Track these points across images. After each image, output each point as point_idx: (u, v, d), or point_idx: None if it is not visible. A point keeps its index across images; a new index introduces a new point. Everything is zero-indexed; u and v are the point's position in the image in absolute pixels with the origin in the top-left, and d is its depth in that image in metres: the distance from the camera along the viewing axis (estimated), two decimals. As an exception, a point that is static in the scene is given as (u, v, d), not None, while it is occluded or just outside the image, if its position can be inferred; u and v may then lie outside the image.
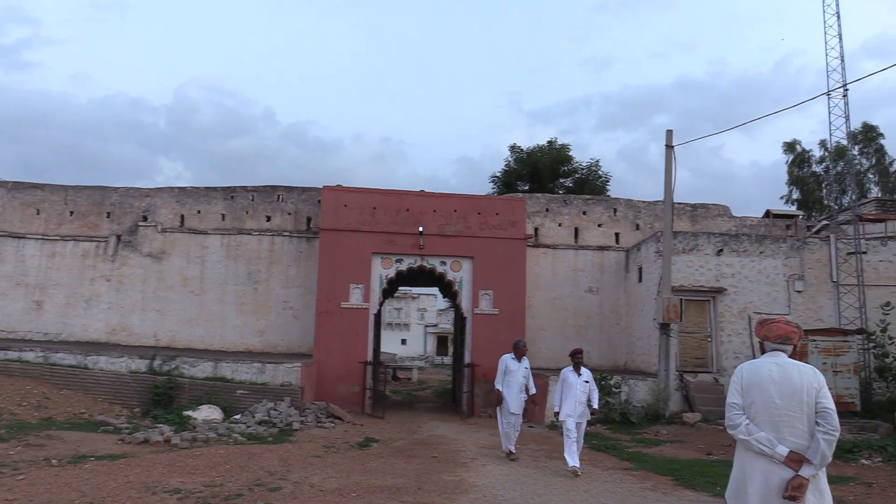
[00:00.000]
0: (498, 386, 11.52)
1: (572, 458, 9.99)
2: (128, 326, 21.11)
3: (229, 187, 22.42)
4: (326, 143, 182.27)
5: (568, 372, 10.63)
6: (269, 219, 21.98)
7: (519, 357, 11.63)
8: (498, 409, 11.67)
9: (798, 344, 4.45)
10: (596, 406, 10.63)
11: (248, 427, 13.63)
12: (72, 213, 22.03)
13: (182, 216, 21.94)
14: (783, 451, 3.97)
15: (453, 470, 10.14)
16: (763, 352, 4.44)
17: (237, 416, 14.65)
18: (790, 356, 4.34)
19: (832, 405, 4.09)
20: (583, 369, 10.66)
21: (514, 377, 11.44)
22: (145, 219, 21.90)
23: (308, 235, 21.69)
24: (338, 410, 16.33)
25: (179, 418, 13.96)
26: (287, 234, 21.77)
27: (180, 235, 21.70)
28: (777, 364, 4.22)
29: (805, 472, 3.92)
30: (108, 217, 22.03)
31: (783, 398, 4.08)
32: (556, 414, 10.50)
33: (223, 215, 21.97)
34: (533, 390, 11.81)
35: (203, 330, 21.11)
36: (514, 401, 11.38)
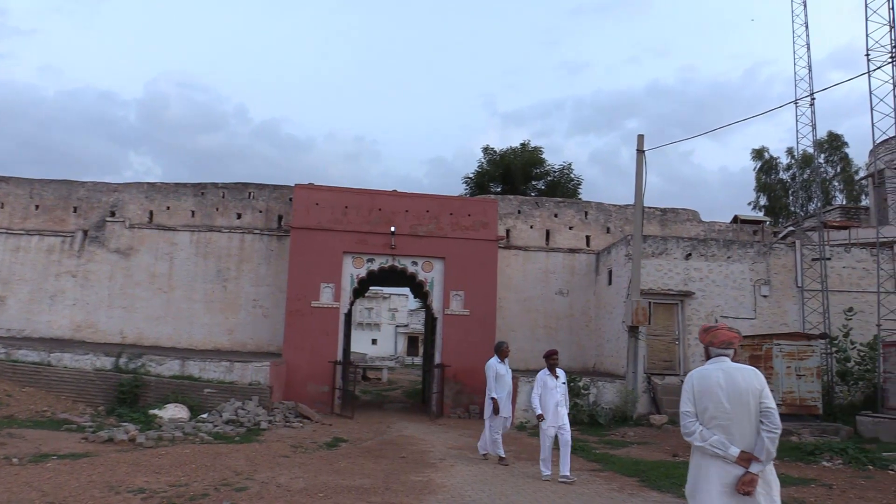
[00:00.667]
0: (493, 394, 11.19)
1: (546, 467, 9.72)
2: (93, 323, 20.78)
3: (200, 184, 22.18)
4: (299, 140, 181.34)
5: (545, 375, 10.17)
6: (239, 216, 21.78)
7: (503, 359, 11.47)
8: (489, 416, 11.27)
9: (738, 348, 4.79)
10: (567, 411, 10.28)
11: (216, 426, 13.50)
12: (37, 207, 21.63)
13: (151, 212, 21.65)
14: (735, 451, 4.29)
15: (422, 470, 10.14)
16: (708, 356, 4.75)
17: (204, 415, 14.50)
18: (732, 359, 4.67)
19: (773, 404, 4.47)
20: (558, 371, 10.27)
21: (503, 381, 11.25)
22: (113, 214, 21.58)
23: (279, 234, 21.54)
24: (306, 410, 16.25)
25: (145, 417, 13.79)
26: (258, 231, 21.59)
27: (149, 231, 21.42)
28: (723, 370, 4.53)
29: (754, 468, 4.26)
30: (75, 212, 21.66)
31: (731, 402, 4.39)
32: (540, 417, 9.94)
33: (193, 212, 21.73)
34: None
35: (171, 328, 20.86)
36: (507, 405, 11.27)
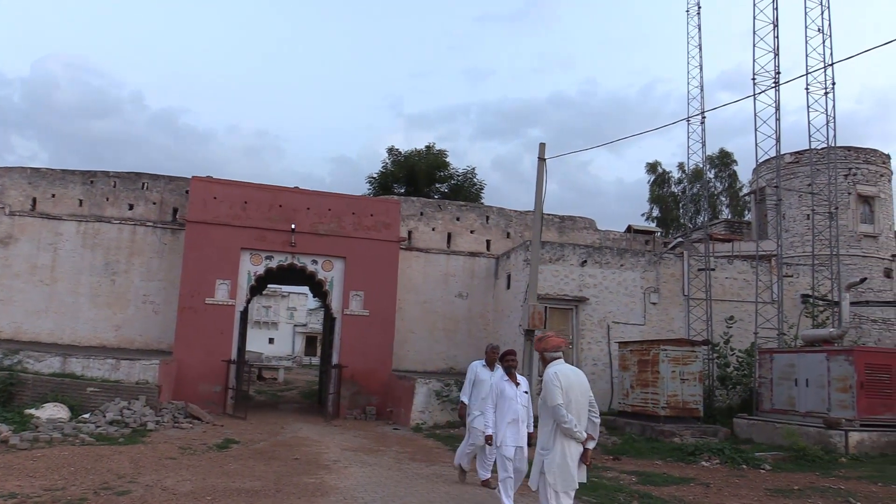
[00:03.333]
0: (463, 397, 9.66)
1: (509, 500, 7.70)
2: (-35, 316, 19.41)
3: (89, 171, 21.09)
4: (198, 132, 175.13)
5: (503, 382, 8.12)
6: (131, 207, 20.87)
7: (491, 365, 9.58)
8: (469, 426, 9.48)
9: (565, 350, 6.27)
10: (531, 429, 7.94)
11: (98, 427, 12.89)
12: None
13: (34, 199, 20.41)
14: (583, 434, 5.73)
15: (315, 472, 10.02)
16: (545, 361, 6.02)
17: (86, 416, 13.79)
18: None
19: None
20: (519, 377, 8.23)
21: (480, 387, 9.36)
22: (-9, 200, 20.22)
23: (173, 227, 20.77)
24: (197, 411, 15.75)
25: (20, 417, 12.95)
26: (151, 224, 20.74)
27: (31, 220, 20.19)
28: (571, 369, 5.91)
29: (591, 444, 5.82)
30: (-52, 196, 20.17)
31: (581, 395, 5.77)
32: (489, 439, 8.04)
33: (81, 201, 20.63)
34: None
35: (52, 322, 19.73)
36: (483, 417, 8.79)
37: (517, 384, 8.03)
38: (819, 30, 19.01)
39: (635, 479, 10.23)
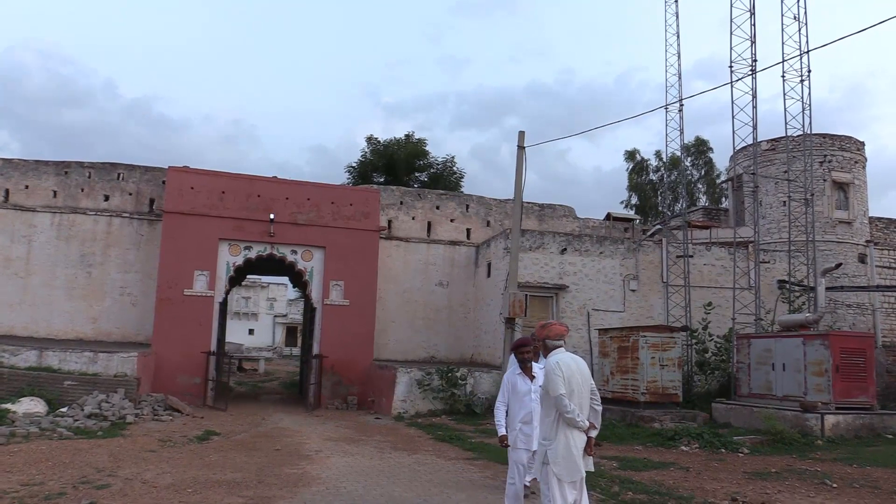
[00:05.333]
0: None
1: None
2: (-63, 310, 19.09)
3: (63, 162, 20.78)
4: (173, 121, 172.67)
5: (515, 376, 7.11)
6: (107, 198, 20.60)
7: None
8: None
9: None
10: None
11: (76, 421, 12.76)
12: None
13: (7, 190, 20.08)
14: (586, 423, 5.57)
15: (296, 463, 9.99)
16: (546, 349, 5.87)
17: (63, 409, 13.65)
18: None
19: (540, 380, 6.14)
20: (536, 368, 7.05)
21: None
22: (-38, 192, 19.87)
23: (150, 218, 20.54)
24: (177, 403, 15.63)
25: (-4, 412, 12.82)
26: (127, 215, 20.49)
27: (3, 212, 19.86)
28: (572, 358, 5.70)
29: (593, 433, 5.66)
30: (-83, 188, 19.79)
31: (583, 383, 5.60)
32: (503, 440, 7.00)
33: (55, 192, 20.33)
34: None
35: (27, 316, 19.47)
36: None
37: (532, 377, 7.01)
38: (795, 18, 19.15)
39: (616, 464, 10.32)
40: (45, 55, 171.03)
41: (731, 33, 18.71)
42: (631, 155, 49.06)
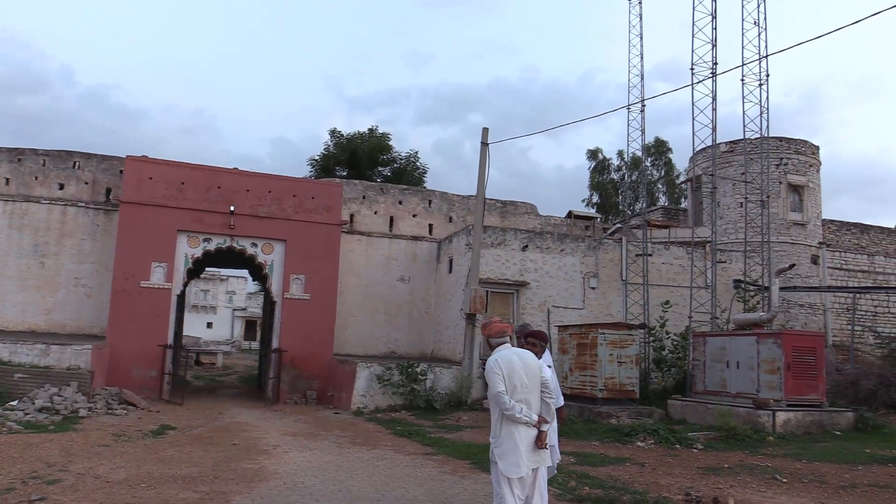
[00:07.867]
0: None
1: None
2: None
3: (16, 149, 20.22)
4: (131, 110, 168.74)
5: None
6: (62, 187, 20.12)
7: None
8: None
9: (511, 335, 5.89)
10: (561, 404, 6.85)
11: (27, 414, 12.48)
12: None
13: (-44, 178, 19.50)
14: (535, 417, 5.46)
15: (254, 457, 9.91)
16: (490, 346, 5.74)
17: (13, 403, 13.32)
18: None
19: (548, 376, 5.79)
20: (544, 363, 6.19)
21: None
22: None
23: (107, 208, 20.12)
24: (132, 396, 15.38)
25: (-59, 404, 12.48)
26: (82, 204, 20.04)
27: (-47, 199, 19.29)
28: (515, 353, 5.61)
29: (545, 427, 5.50)
30: None
31: (528, 378, 5.52)
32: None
33: (7, 179, 19.78)
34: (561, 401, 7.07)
35: (-24, 306, 18.95)
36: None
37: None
38: (755, 23, 19.52)
39: (573, 459, 10.42)
40: (0, 39, 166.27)
41: (693, 36, 18.99)
42: (593, 154, 49.57)
